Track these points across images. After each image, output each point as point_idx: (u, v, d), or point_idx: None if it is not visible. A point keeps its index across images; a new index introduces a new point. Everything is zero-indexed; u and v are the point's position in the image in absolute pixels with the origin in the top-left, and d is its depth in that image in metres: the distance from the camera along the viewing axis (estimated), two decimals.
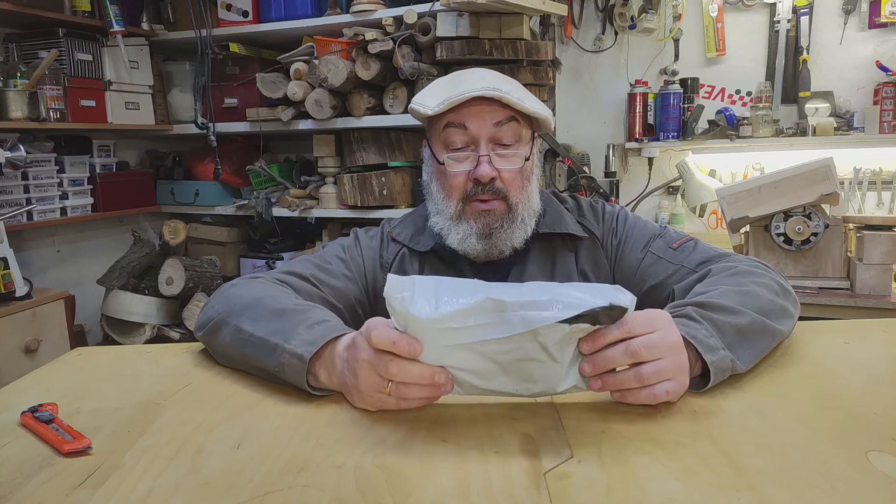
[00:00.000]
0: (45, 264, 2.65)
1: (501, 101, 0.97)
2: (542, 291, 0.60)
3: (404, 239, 1.09)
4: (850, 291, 1.79)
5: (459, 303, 0.59)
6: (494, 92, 0.96)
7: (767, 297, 0.82)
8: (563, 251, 1.08)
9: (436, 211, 1.05)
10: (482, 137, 0.99)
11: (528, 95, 1.03)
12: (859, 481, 0.52)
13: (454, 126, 0.99)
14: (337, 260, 1.06)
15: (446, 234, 1.03)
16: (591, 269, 1.07)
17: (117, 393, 0.76)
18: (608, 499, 0.50)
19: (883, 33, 2.56)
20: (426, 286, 0.61)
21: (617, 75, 2.93)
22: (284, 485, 0.54)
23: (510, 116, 0.99)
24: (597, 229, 1.09)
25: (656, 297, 1.01)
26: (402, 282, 0.61)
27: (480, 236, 1.00)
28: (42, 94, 2.31)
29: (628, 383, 0.64)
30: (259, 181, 2.81)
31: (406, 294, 0.59)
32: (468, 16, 2.19)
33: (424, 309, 0.59)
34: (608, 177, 2.88)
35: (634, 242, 1.06)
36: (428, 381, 0.63)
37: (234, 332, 0.80)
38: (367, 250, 1.09)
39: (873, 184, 2.59)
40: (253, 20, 2.67)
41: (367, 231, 1.14)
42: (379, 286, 1.07)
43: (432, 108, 0.99)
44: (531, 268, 1.06)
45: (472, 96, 0.96)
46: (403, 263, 1.08)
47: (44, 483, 0.55)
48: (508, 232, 1.01)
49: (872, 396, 0.68)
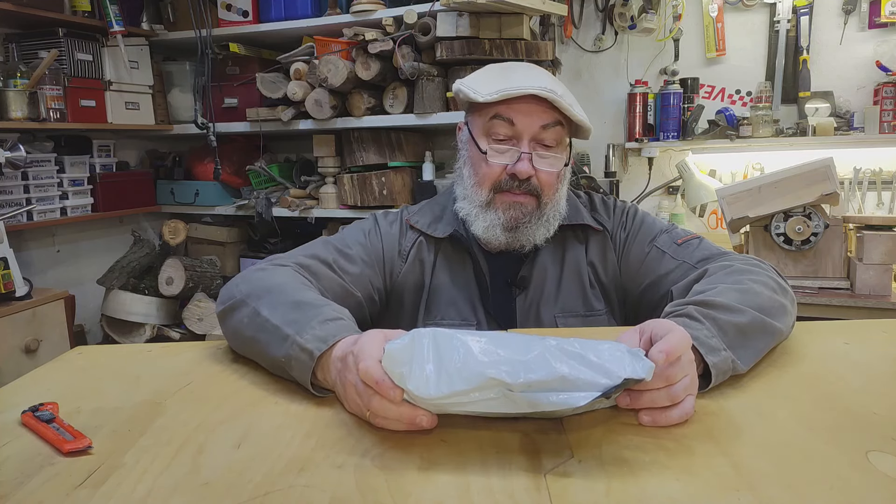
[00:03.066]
0: (45, 264, 2.65)
1: (552, 104, 0.99)
2: (548, 367, 0.56)
3: (423, 226, 1.10)
4: (850, 291, 1.79)
5: (460, 383, 0.56)
6: (550, 94, 0.97)
7: (766, 294, 0.82)
8: (574, 243, 1.10)
9: (463, 196, 1.07)
10: (526, 135, 1.00)
11: (576, 102, 1.05)
12: (859, 481, 0.52)
13: (501, 119, 1.01)
14: (357, 245, 1.07)
15: (472, 220, 1.05)
16: (599, 262, 1.09)
17: (118, 392, 0.76)
18: (608, 499, 0.50)
19: (883, 33, 2.56)
20: (424, 355, 0.58)
21: (617, 75, 2.93)
22: (285, 485, 0.54)
23: (557, 120, 1.01)
24: (608, 223, 1.11)
25: (656, 290, 1.02)
26: (400, 353, 0.57)
27: (506, 228, 1.02)
28: (42, 94, 2.31)
29: (660, 401, 0.62)
30: (259, 181, 2.81)
31: (404, 370, 0.57)
32: (468, 16, 2.19)
33: (423, 387, 0.57)
34: (608, 177, 2.88)
35: (641, 236, 1.08)
36: (408, 422, 0.61)
37: (251, 315, 0.80)
38: (387, 237, 1.11)
39: (873, 184, 2.59)
40: (253, 20, 2.67)
41: (387, 216, 1.15)
42: (396, 274, 1.10)
43: (483, 95, 1.00)
44: (543, 258, 1.08)
45: (527, 93, 0.97)
46: (421, 252, 1.10)
47: (44, 482, 0.55)
48: (533, 228, 1.03)
49: (872, 396, 0.68)
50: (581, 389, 0.54)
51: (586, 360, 0.56)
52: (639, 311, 1.07)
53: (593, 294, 1.08)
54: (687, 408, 0.62)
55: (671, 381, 0.61)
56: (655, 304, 1.01)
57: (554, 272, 1.08)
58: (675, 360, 0.62)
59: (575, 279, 1.08)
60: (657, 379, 0.60)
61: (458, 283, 1.08)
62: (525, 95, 0.98)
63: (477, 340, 0.59)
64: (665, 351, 0.59)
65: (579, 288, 1.08)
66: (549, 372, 0.55)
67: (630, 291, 1.08)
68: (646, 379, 0.56)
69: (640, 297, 1.07)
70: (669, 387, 0.62)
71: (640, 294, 1.06)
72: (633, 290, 1.08)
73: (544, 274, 1.08)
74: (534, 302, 1.07)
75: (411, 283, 1.09)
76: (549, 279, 1.08)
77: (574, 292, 1.08)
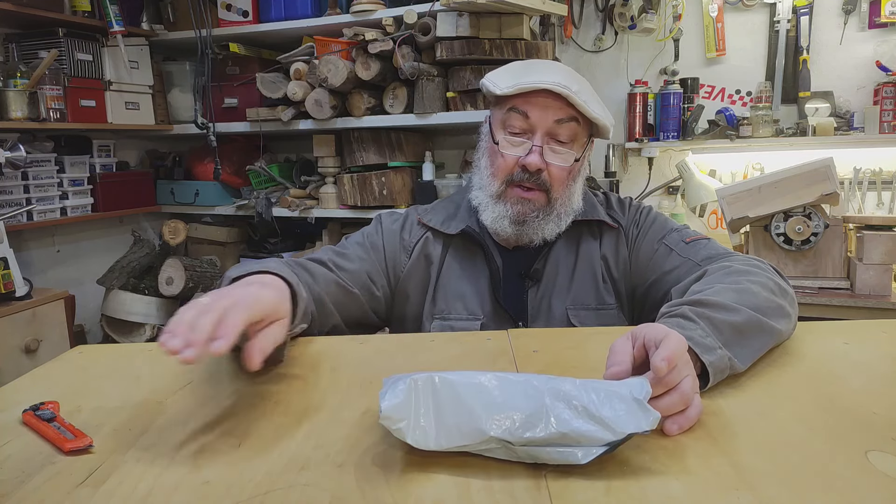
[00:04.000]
0: (45, 264, 2.65)
1: (568, 100, 1.00)
2: (550, 423, 0.54)
3: (435, 224, 1.13)
4: (850, 291, 1.79)
5: (459, 438, 0.55)
6: (563, 89, 0.99)
7: (763, 294, 0.82)
8: (589, 238, 1.12)
9: (479, 185, 1.10)
10: (540, 129, 1.02)
11: (595, 99, 1.06)
12: (859, 481, 0.52)
13: (517, 111, 1.03)
14: (354, 245, 1.11)
15: (483, 209, 1.08)
16: (612, 257, 1.11)
17: (118, 391, 0.76)
18: (608, 498, 0.50)
19: (883, 33, 2.56)
20: (421, 408, 0.57)
21: (617, 75, 2.93)
22: (285, 484, 0.54)
23: (571, 116, 1.03)
24: (622, 220, 1.14)
25: (661, 287, 1.04)
26: (397, 410, 0.56)
27: (513, 221, 1.05)
28: (42, 94, 2.31)
29: (675, 406, 0.61)
30: (259, 181, 2.81)
31: (402, 425, 0.56)
32: (468, 16, 2.19)
33: (423, 441, 0.56)
34: (608, 177, 2.88)
35: (652, 234, 1.10)
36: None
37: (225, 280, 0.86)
38: (389, 233, 1.13)
39: (873, 184, 2.59)
40: (253, 20, 2.67)
41: (391, 214, 1.18)
42: (399, 268, 1.12)
43: (501, 88, 1.03)
44: (557, 252, 1.10)
45: (541, 87, 0.99)
46: (427, 247, 1.12)
47: (45, 482, 0.55)
48: (542, 223, 1.05)
49: (872, 396, 0.68)
50: (583, 445, 0.54)
51: (590, 413, 0.55)
52: (644, 307, 1.09)
53: (605, 288, 1.10)
54: (699, 405, 0.63)
55: (673, 384, 0.61)
56: (660, 301, 1.01)
57: (567, 265, 1.10)
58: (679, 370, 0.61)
59: (588, 273, 1.10)
60: (660, 386, 0.60)
61: (468, 278, 1.10)
62: (541, 90, 1.00)
63: (477, 388, 0.57)
64: (667, 358, 0.59)
65: (592, 281, 1.09)
66: (551, 429, 0.54)
67: (637, 287, 1.10)
68: (650, 430, 0.55)
69: (645, 293, 1.08)
70: (680, 390, 0.61)
71: (646, 290, 1.08)
72: (640, 285, 1.09)
73: (557, 267, 1.10)
74: (546, 294, 1.09)
75: (417, 278, 1.11)
76: (561, 272, 1.10)
77: (586, 285, 1.09)
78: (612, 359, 0.65)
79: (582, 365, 0.80)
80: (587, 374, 0.68)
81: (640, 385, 0.57)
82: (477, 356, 0.85)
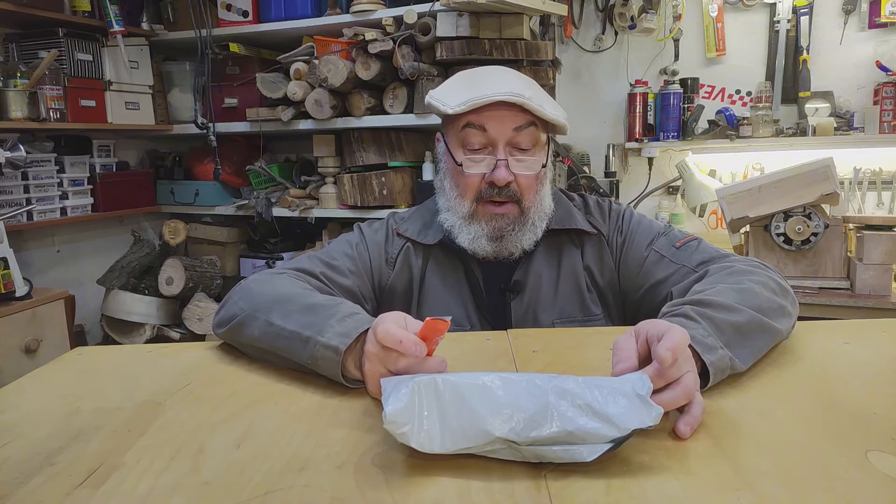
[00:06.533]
0: (45, 264, 2.65)
1: (523, 107, 0.97)
2: (554, 422, 0.54)
3: (411, 234, 1.10)
4: (850, 291, 1.79)
5: (464, 440, 0.55)
6: (518, 98, 0.96)
7: (765, 295, 0.82)
8: (570, 247, 1.09)
9: (447, 207, 1.06)
10: (500, 141, 0.99)
11: (548, 100, 1.04)
12: (859, 481, 0.52)
13: (473, 127, 1.00)
14: (343, 256, 1.06)
15: (457, 232, 1.04)
16: (595, 266, 1.08)
17: (118, 392, 0.76)
18: (608, 498, 0.50)
19: (883, 33, 2.57)
20: (425, 411, 0.56)
21: (617, 75, 2.93)
22: (285, 484, 0.54)
23: (530, 122, 1.00)
24: (603, 227, 1.10)
25: (656, 295, 1.02)
26: (401, 414, 0.56)
27: (491, 238, 1.02)
28: (42, 94, 2.31)
29: (678, 400, 0.61)
30: (259, 181, 2.81)
31: (406, 430, 0.55)
32: (468, 16, 2.19)
33: (427, 444, 0.56)
34: (608, 177, 2.88)
35: (639, 240, 1.07)
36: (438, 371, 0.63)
37: (263, 327, 0.81)
38: (373, 245, 1.10)
39: (873, 184, 2.59)
40: (253, 20, 2.67)
41: (371, 224, 1.14)
42: (384, 281, 1.09)
43: (452, 107, 0.99)
44: (538, 265, 1.07)
45: (495, 100, 0.96)
46: (409, 258, 1.09)
47: (44, 482, 0.55)
48: (519, 235, 1.02)
49: (872, 396, 0.68)
50: (588, 442, 0.54)
51: (594, 410, 0.55)
52: (638, 314, 1.07)
53: (591, 299, 1.08)
54: (702, 403, 0.62)
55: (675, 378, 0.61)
56: (656, 308, 1.00)
57: (550, 277, 1.08)
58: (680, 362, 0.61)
59: (572, 284, 1.07)
60: (661, 379, 0.60)
61: (450, 288, 1.08)
62: (494, 102, 0.97)
63: (480, 389, 0.57)
64: (671, 349, 0.59)
65: (576, 293, 1.07)
66: (555, 428, 0.54)
67: (629, 295, 1.08)
68: (653, 426, 0.55)
69: (639, 301, 1.06)
70: (683, 384, 0.61)
71: (640, 298, 1.06)
72: (633, 293, 1.07)
73: (539, 279, 1.07)
74: (531, 307, 1.07)
75: (400, 290, 1.09)
76: (545, 284, 1.07)
77: (571, 298, 1.07)
78: (617, 356, 0.65)
79: (582, 365, 0.80)
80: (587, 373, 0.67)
81: (641, 380, 0.57)
82: (476, 356, 0.85)
